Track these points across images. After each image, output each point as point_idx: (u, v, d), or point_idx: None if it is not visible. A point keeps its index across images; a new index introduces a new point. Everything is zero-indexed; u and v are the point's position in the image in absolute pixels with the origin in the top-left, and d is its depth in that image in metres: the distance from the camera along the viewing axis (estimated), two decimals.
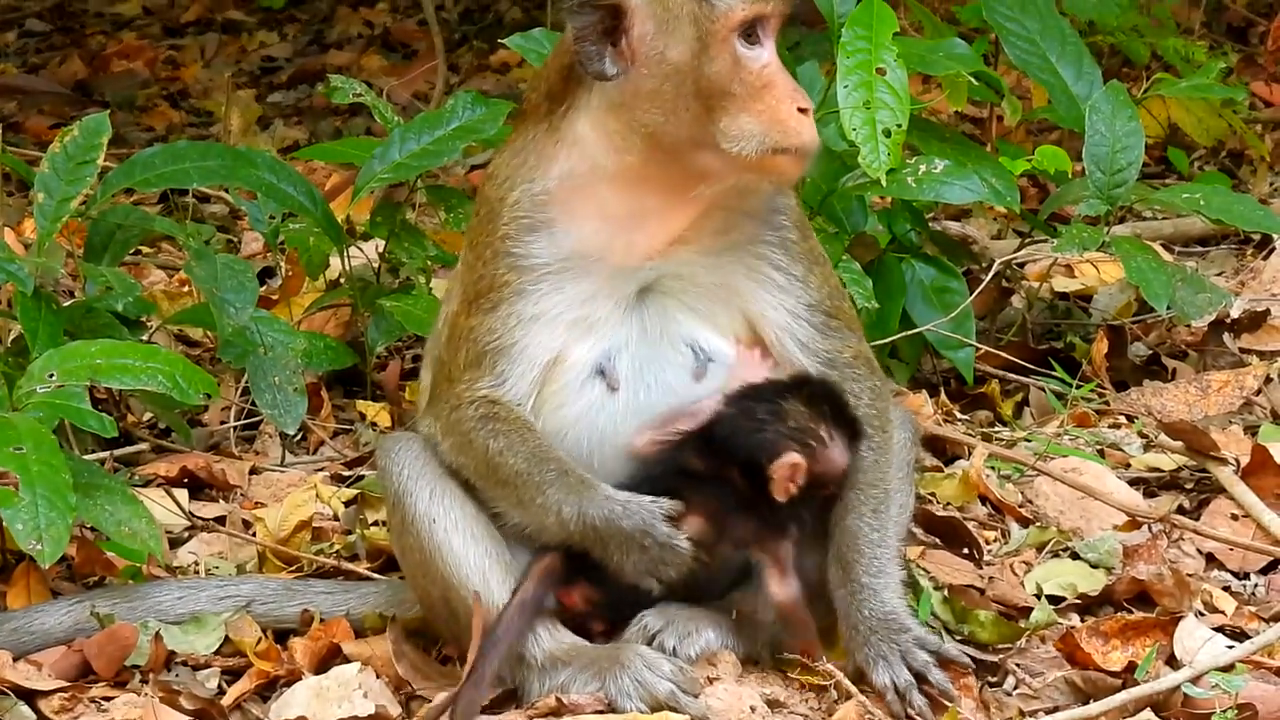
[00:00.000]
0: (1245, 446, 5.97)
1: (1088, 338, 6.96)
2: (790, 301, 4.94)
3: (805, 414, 4.84)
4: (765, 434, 4.81)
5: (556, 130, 4.89)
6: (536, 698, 4.80)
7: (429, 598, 4.99)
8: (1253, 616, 5.21)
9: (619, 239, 4.85)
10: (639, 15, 4.77)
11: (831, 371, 4.94)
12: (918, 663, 4.76)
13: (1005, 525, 5.74)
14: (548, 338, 4.85)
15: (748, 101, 4.75)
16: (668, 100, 4.77)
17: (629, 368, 4.87)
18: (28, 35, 11.83)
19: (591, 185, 4.85)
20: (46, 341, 5.69)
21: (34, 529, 4.93)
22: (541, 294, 4.85)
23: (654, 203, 4.84)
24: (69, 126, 6.16)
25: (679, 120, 4.77)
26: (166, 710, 4.88)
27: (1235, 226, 7.31)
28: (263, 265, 7.62)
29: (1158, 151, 8.42)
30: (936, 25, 7.09)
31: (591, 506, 4.74)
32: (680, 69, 4.75)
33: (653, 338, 4.89)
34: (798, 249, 4.97)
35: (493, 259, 4.89)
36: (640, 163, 4.81)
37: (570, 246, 4.85)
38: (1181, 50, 8.70)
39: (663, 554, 4.73)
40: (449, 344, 4.96)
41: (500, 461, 4.83)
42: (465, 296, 4.93)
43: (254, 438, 6.64)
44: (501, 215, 4.89)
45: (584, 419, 4.86)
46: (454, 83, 10.21)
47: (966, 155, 6.54)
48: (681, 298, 4.90)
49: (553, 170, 4.87)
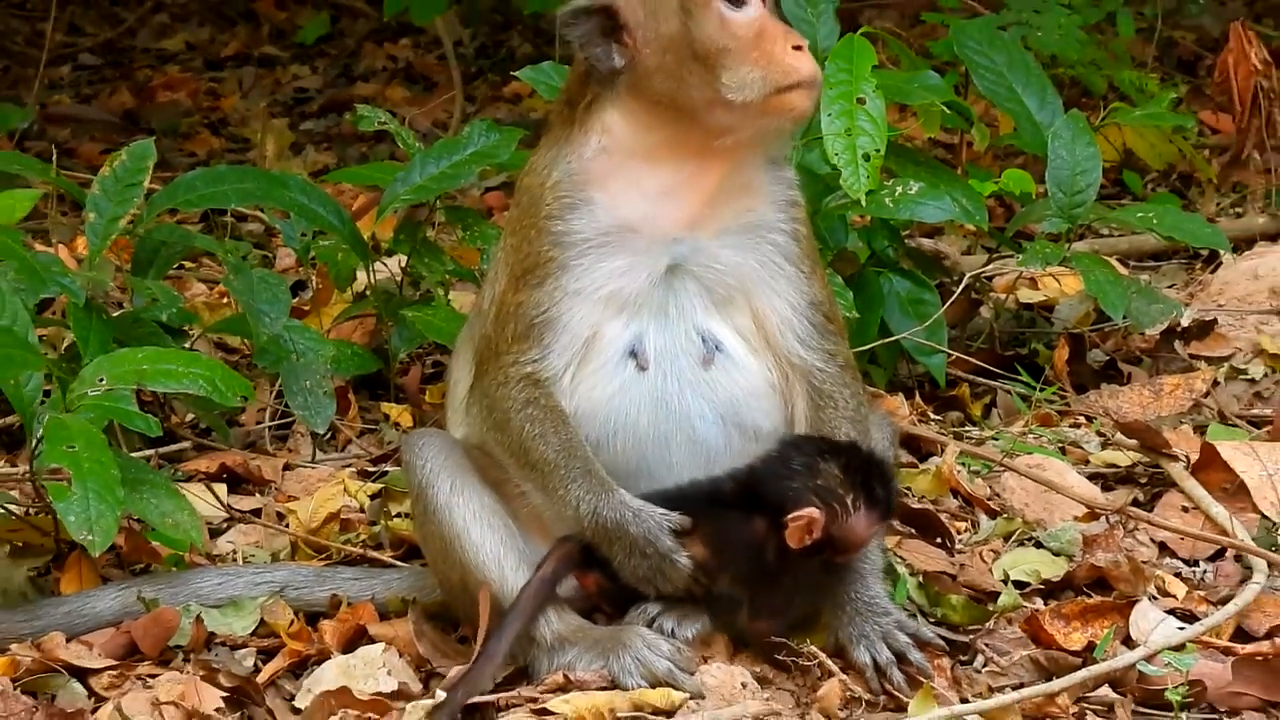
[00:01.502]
0: (1195, 444, 5.95)
1: (1050, 345, 6.94)
2: (794, 295, 4.91)
3: (839, 479, 4.70)
4: (793, 483, 4.70)
5: (584, 124, 4.87)
6: (545, 675, 4.79)
7: (449, 582, 4.98)
8: (1202, 600, 5.19)
9: (653, 210, 4.82)
10: (629, 7, 4.78)
11: (826, 370, 4.91)
12: (898, 643, 4.74)
13: (975, 516, 5.73)
14: (588, 312, 4.81)
15: (744, 53, 4.74)
16: (672, 70, 4.76)
17: (652, 351, 4.84)
18: (81, 69, 11.82)
19: (624, 163, 4.83)
20: (97, 349, 5.68)
21: (85, 521, 4.92)
22: (583, 269, 4.81)
23: (682, 174, 4.82)
24: (118, 152, 6.16)
25: (687, 84, 4.76)
26: (206, 687, 4.87)
27: (1185, 243, 7.31)
28: (295, 279, 7.60)
29: (1114, 174, 8.39)
30: (912, 59, 7.09)
31: (606, 508, 4.71)
32: (675, 39, 4.75)
33: (671, 322, 4.86)
34: (806, 245, 4.95)
35: (537, 237, 4.85)
36: (665, 136, 4.81)
37: (609, 220, 4.83)
38: (1136, 82, 8.70)
39: (661, 565, 4.71)
40: (497, 320, 4.90)
41: (532, 446, 4.79)
42: (512, 274, 4.88)
43: (287, 436, 6.62)
44: (544, 197, 4.86)
45: (614, 400, 4.83)
46: (470, 112, 10.19)
47: (939, 178, 6.52)
48: (702, 280, 4.86)
49: (586, 153, 4.86)
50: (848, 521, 4.69)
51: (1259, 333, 6.88)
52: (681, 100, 4.78)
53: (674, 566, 4.71)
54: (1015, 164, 7.84)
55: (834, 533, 4.69)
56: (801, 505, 4.67)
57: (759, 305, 4.89)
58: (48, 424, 5.10)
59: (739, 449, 4.86)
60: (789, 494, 4.69)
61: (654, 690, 4.66)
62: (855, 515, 4.70)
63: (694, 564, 4.72)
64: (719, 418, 4.85)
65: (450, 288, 6.77)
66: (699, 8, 4.75)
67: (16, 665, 4.99)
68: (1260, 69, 7.76)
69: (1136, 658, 4.73)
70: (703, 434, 4.85)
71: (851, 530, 4.71)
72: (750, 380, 4.89)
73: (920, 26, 9.32)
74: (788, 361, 4.90)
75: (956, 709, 4.55)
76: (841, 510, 4.68)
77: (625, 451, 4.83)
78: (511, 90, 10.76)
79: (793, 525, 4.67)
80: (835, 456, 4.73)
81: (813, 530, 4.67)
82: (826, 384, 4.92)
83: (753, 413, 4.88)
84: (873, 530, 4.74)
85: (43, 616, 5.21)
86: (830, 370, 4.92)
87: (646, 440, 4.83)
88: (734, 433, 4.86)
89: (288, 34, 12.17)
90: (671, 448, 4.84)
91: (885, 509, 4.75)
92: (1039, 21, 8.45)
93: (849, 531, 4.71)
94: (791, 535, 4.68)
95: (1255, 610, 5.04)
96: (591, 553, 4.78)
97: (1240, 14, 10.22)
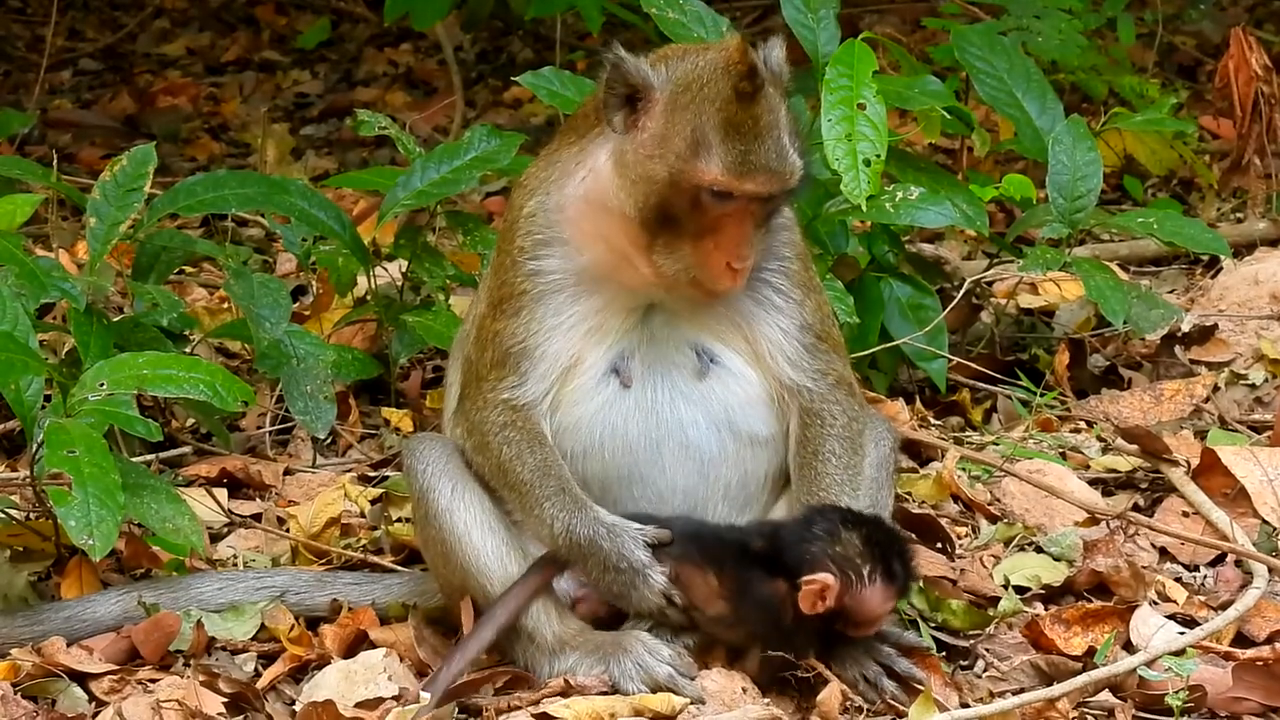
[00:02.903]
0: (1195, 449, 5.95)
1: (1050, 350, 6.95)
2: (785, 321, 4.92)
3: (858, 549, 4.64)
4: (813, 548, 4.65)
5: (584, 151, 4.87)
6: (545, 678, 4.81)
7: (450, 585, 4.99)
8: (1202, 605, 5.20)
9: (623, 265, 4.83)
10: (655, 105, 4.72)
11: (815, 389, 4.91)
12: (882, 656, 4.74)
13: (975, 522, 5.73)
14: (566, 342, 4.84)
15: (688, 239, 4.71)
16: (631, 192, 4.73)
17: (640, 368, 4.86)
18: (81, 74, 11.82)
19: (599, 213, 4.83)
20: (97, 353, 5.69)
21: (86, 525, 4.92)
22: (559, 303, 4.84)
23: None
24: (118, 157, 6.17)
25: (631, 213, 4.73)
26: (206, 692, 4.87)
27: (1185, 248, 7.32)
28: (296, 284, 7.61)
29: (1114, 180, 8.40)
30: (912, 64, 7.09)
31: (580, 525, 4.73)
32: (652, 178, 4.70)
33: (660, 340, 4.88)
34: (798, 277, 4.95)
35: (512, 268, 4.88)
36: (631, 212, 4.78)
37: (581, 264, 4.84)
38: (1136, 87, 8.70)
39: (635, 579, 4.71)
40: (476, 344, 4.95)
41: (509, 468, 4.83)
42: (491, 300, 4.93)
43: (288, 441, 6.62)
44: (519, 226, 4.89)
45: (599, 414, 4.85)
46: (471, 117, 10.19)
47: (940, 183, 6.53)
48: (686, 313, 4.88)
49: (569, 190, 4.87)
50: (862, 593, 4.64)
51: (1259, 338, 6.89)
52: (628, 211, 4.74)
53: (647, 582, 4.71)
54: (1016, 169, 7.85)
55: (848, 603, 4.64)
56: (817, 570, 4.63)
57: (750, 333, 4.91)
58: (48, 429, 5.10)
59: (734, 454, 4.88)
60: (807, 557, 4.65)
61: (655, 695, 4.66)
62: (870, 588, 4.64)
63: (668, 581, 4.71)
64: (712, 424, 4.86)
65: (451, 293, 6.77)
66: (685, 182, 4.67)
67: (17, 670, 4.99)
68: (1261, 74, 7.76)
69: (1137, 663, 4.73)
70: (695, 440, 4.86)
71: (865, 602, 4.65)
72: (747, 389, 4.90)
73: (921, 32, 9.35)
74: (778, 381, 4.91)
75: (957, 714, 4.55)
76: (857, 580, 4.63)
77: (615, 459, 4.85)
78: (512, 95, 10.77)
79: (806, 589, 4.63)
80: (858, 527, 4.68)
81: (826, 596, 4.63)
82: (815, 402, 4.92)
83: (748, 419, 4.89)
84: (887, 607, 4.68)
85: (43, 621, 5.21)
86: (820, 389, 4.92)
87: (638, 448, 4.85)
88: (728, 439, 4.87)
89: (288, 39, 12.18)
90: (664, 454, 4.85)
91: (901, 587, 4.69)
92: (1039, 27, 8.45)
93: (862, 603, 4.65)
94: (804, 599, 4.64)
95: (1255, 615, 5.04)
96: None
97: (1241, 19, 10.24)
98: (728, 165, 4.63)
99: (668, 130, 4.68)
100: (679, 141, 4.66)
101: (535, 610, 4.85)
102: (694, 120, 4.65)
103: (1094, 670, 4.75)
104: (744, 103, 4.64)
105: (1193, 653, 4.77)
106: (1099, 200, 6.69)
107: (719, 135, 4.64)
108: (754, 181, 4.66)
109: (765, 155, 4.66)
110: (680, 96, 4.68)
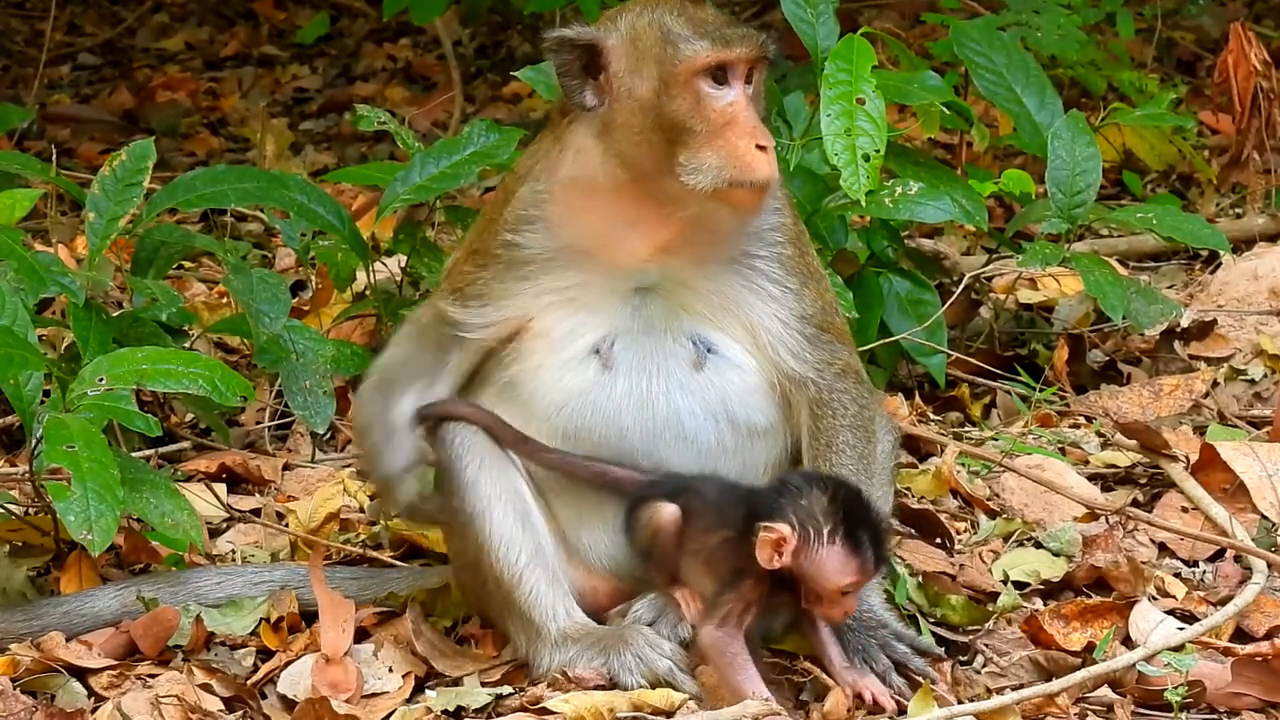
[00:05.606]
0: (1194, 445, 5.95)
1: (1050, 345, 6.95)
2: (783, 312, 4.92)
3: (824, 506, 4.54)
4: (778, 499, 4.60)
5: (561, 140, 4.92)
6: (546, 670, 4.80)
7: (463, 557, 4.98)
8: (1201, 601, 5.20)
9: (610, 240, 4.85)
10: (614, 54, 4.80)
11: (822, 380, 4.91)
12: (897, 654, 4.74)
13: (975, 517, 5.73)
14: (521, 302, 4.90)
15: (708, 137, 4.73)
16: (636, 132, 4.78)
17: (630, 355, 4.85)
18: (80, 68, 11.81)
19: (588, 190, 4.86)
20: (97, 348, 5.68)
21: (85, 520, 4.92)
22: (528, 271, 4.90)
23: (639, 214, 4.85)
24: (117, 152, 6.15)
25: (645, 151, 4.78)
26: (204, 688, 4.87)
27: (1185, 243, 7.32)
28: (295, 279, 7.60)
29: (1114, 175, 8.40)
30: (911, 59, 7.08)
31: (375, 428, 4.98)
32: (646, 105, 4.77)
33: (655, 329, 4.88)
34: (793, 264, 4.95)
35: (492, 235, 4.96)
36: (625, 179, 4.82)
37: (561, 241, 4.88)
38: (1135, 82, 8.70)
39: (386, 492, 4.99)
40: (446, 278, 5.09)
41: (384, 349, 5.14)
42: (468, 248, 5.05)
43: (287, 436, 6.62)
44: (509, 203, 4.95)
45: (582, 395, 4.85)
46: (470, 112, 10.19)
47: (939, 178, 6.52)
48: (680, 299, 4.89)
49: (557, 173, 4.91)
50: (819, 554, 4.52)
51: (1258, 333, 6.89)
52: (635, 163, 4.79)
53: (392, 492, 4.94)
54: (1015, 164, 7.85)
55: (804, 563, 4.53)
56: (775, 519, 4.56)
57: (748, 321, 4.91)
58: (47, 424, 5.10)
59: (733, 444, 4.87)
60: (770, 505, 4.61)
61: (654, 690, 4.66)
62: (828, 549, 4.51)
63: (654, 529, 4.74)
64: (710, 415, 4.86)
65: None
66: (678, 82, 4.74)
67: (16, 665, 4.99)
68: (1260, 70, 7.76)
69: (1136, 658, 4.73)
70: (693, 430, 4.86)
71: (822, 566, 4.52)
72: (746, 379, 4.90)
73: (920, 27, 9.32)
74: (782, 373, 4.91)
75: (956, 709, 4.55)
76: (815, 538, 4.52)
77: (607, 446, 4.84)
78: (511, 90, 10.76)
79: (762, 535, 4.55)
80: (830, 490, 4.60)
81: (781, 551, 4.54)
82: (823, 393, 4.92)
83: (747, 410, 4.89)
84: (846, 579, 4.53)
85: (42, 616, 5.21)
86: (826, 379, 4.92)
87: (633, 437, 4.84)
88: (726, 429, 4.87)
89: (287, 34, 12.17)
90: (660, 445, 4.85)
91: (866, 562, 4.53)
92: (1038, 22, 8.45)
93: (820, 566, 4.52)
94: (761, 548, 4.56)
95: (1255, 611, 5.04)
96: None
97: (1240, 15, 10.23)
98: (712, 40, 4.75)
99: (640, 58, 4.77)
100: (656, 51, 4.75)
101: (544, 604, 4.84)
102: (660, 32, 4.77)
103: (1093, 666, 4.75)
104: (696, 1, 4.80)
105: (1192, 648, 4.77)
106: (1098, 195, 6.67)
107: (690, 26, 4.77)
108: (742, 45, 4.76)
109: (736, 26, 4.82)
110: (637, 24, 4.81)
